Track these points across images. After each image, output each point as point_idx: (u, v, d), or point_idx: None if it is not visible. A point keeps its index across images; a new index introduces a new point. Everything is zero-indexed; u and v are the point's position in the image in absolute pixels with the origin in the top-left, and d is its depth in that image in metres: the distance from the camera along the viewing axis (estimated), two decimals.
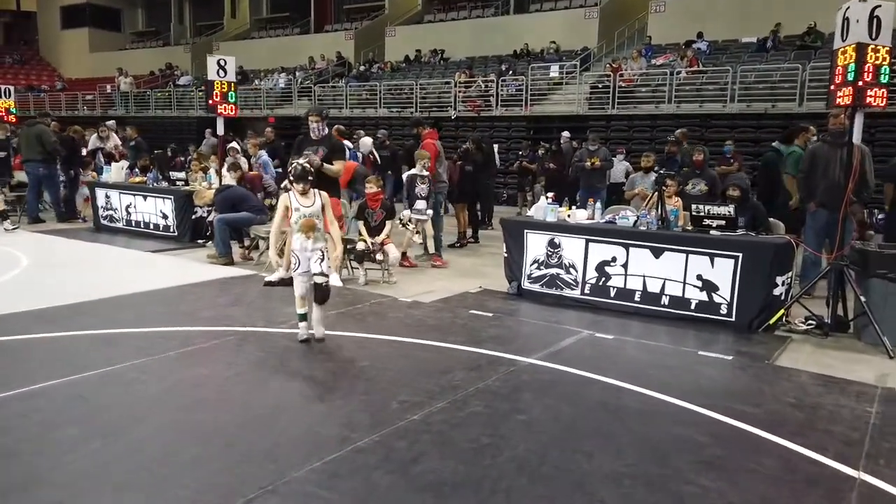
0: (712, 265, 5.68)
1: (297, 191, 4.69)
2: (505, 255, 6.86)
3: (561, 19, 20.74)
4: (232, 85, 9.07)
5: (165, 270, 7.59)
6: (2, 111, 14.32)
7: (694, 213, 5.90)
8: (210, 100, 8.96)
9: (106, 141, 12.23)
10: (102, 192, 10.54)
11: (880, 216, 9.49)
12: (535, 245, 6.58)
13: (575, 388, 4.17)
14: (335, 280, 5.30)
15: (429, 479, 2.99)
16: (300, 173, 4.67)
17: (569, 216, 6.51)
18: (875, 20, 5.05)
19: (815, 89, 12.96)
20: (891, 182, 7.04)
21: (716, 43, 17.11)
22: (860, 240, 6.83)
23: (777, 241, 5.64)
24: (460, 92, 17.85)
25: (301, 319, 4.88)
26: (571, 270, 6.38)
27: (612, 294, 6.17)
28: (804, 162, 6.65)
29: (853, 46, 5.09)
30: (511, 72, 18.06)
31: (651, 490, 2.95)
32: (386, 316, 5.82)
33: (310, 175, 4.72)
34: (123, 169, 10.71)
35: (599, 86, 16.25)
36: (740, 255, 5.56)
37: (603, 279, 6.21)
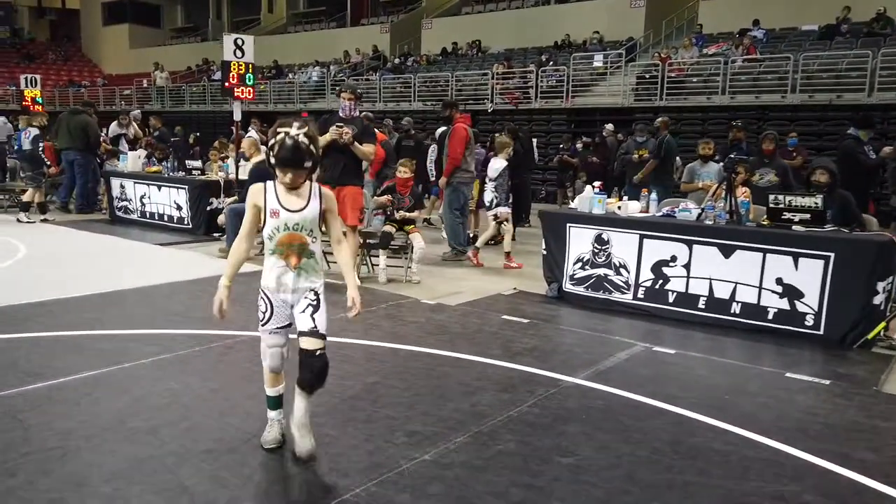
0: (796, 267, 4.71)
1: (283, 182, 2.65)
2: (543, 253, 5.99)
3: (605, 9, 19.87)
4: (250, 66, 8.39)
5: (169, 265, 6.94)
6: (28, 101, 14.06)
7: (772, 205, 4.93)
8: (226, 82, 8.30)
9: (126, 128, 11.75)
10: (117, 182, 10.01)
11: None
12: (580, 241, 5.69)
13: (634, 421, 3.27)
14: (354, 302, 2.81)
15: None
16: (290, 151, 2.57)
17: (619, 208, 5.61)
18: None
19: (886, 78, 11.98)
20: None
21: (773, 31, 16.02)
22: None
23: (878, 239, 4.64)
24: (497, 84, 17.00)
25: (272, 407, 2.87)
26: (622, 271, 5.47)
27: (671, 299, 5.24)
28: None
29: None
30: (552, 63, 17.15)
31: None
32: (404, 320, 4.99)
33: (307, 157, 2.61)
34: (140, 158, 10.17)
35: (646, 76, 15.30)
36: (832, 256, 4.59)
37: (660, 282, 5.28)
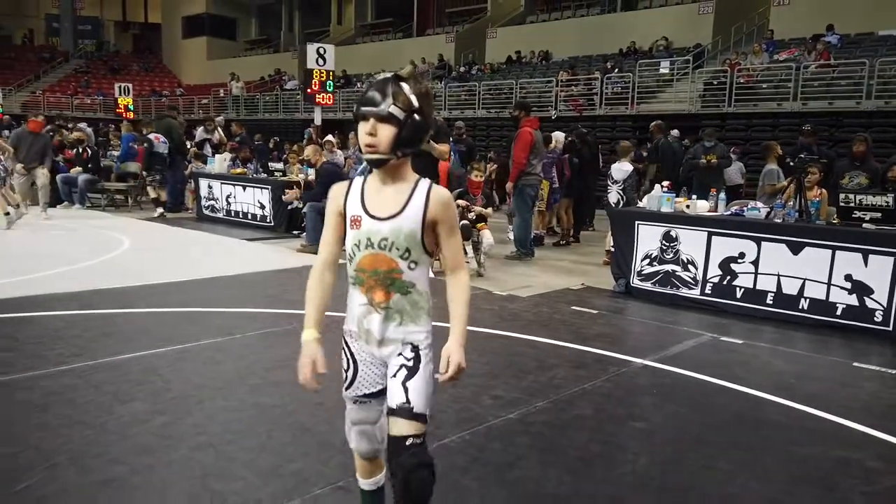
0: (865, 264, 4.81)
1: (361, 142, 1.78)
2: (610, 250, 6.21)
3: (672, 15, 19.82)
4: (331, 74, 8.95)
5: (257, 256, 7.50)
6: (121, 108, 15.17)
7: (843, 204, 5.04)
8: (308, 89, 8.88)
9: (212, 133, 12.55)
10: (205, 183, 10.75)
11: None
12: (648, 238, 5.90)
13: (702, 396, 3.51)
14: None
15: (528, 489, 2.47)
16: (378, 86, 1.82)
17: (688, 206, 5.80)
18: None
19: None
20: None
21: (848, 36, 15.59)
22: None
23: None
24: (562, 91, 17.20)
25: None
26: (690, 267, 5.65)
27: (739, 295, 5.40)
28: None
29: None
30: (617, 69, 17.23)
31: None
32: (479, 307, 5.33)
33: (410, 111, 1.77)
34: (226, 160, 10.88)
35: (714, 83, 15.18)
36: None
37: (728, 278, 5.45)
